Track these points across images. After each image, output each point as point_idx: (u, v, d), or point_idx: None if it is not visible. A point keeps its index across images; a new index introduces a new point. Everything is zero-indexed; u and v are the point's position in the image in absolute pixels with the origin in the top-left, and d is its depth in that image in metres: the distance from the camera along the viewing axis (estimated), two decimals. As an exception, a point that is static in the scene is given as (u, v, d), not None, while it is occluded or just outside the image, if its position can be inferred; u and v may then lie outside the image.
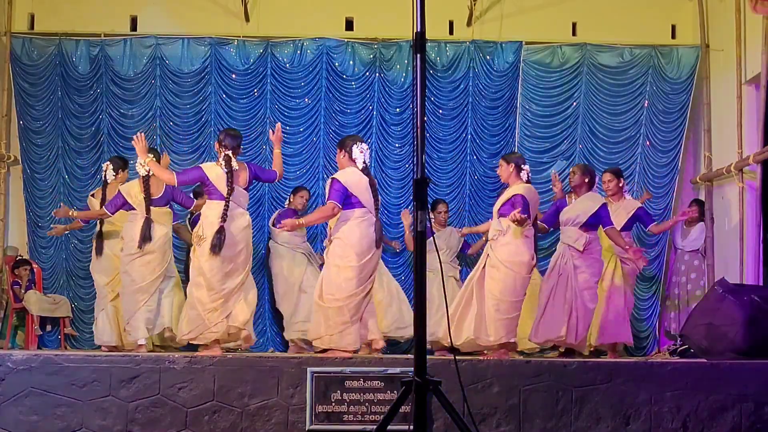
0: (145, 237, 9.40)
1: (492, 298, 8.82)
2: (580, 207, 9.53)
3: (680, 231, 11.78)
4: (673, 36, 12.45)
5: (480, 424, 7.22)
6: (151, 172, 9.37)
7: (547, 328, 9.32)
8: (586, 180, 9.64)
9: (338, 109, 12.12)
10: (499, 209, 9.14)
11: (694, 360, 8.65)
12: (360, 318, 8.75)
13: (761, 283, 10.49)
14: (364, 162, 8.91)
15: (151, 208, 9.52)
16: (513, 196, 9.01)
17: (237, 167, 8.79)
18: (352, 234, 8.68)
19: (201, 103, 12.02)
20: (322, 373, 7.38)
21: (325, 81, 12.09)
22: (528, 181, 9.23)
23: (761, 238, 10.71)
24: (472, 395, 7.25)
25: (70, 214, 10.36)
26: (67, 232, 11.14)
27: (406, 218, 11.25)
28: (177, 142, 11.93)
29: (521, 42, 12.19)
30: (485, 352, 9.08)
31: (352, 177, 8.78)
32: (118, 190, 9.79)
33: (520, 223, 8.70)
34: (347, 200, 8.72)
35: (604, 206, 9.51)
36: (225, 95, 12.03)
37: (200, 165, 9.12)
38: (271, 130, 9.55)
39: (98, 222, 10.25)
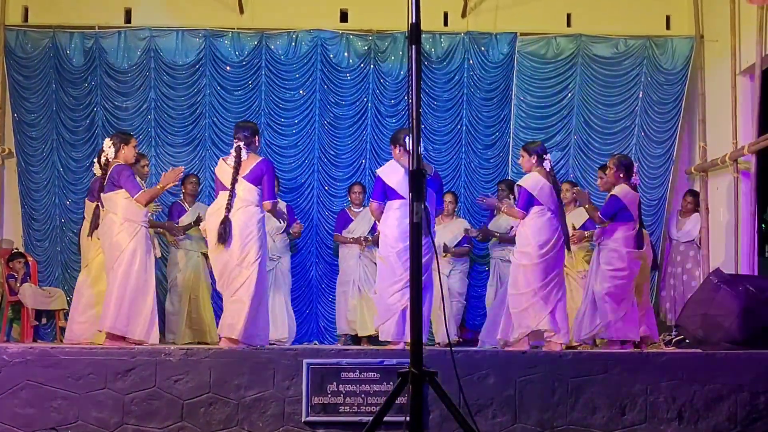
0: None
1: None
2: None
3: (675, 221, 11.80)
4: (668, 27, 12.44)
5: (476, 415, 7.23)
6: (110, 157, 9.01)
7: None
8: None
9: (333, 100, 12.11)
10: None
11: (690, 350, 8.68)
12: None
13: (756, 273, 10.52)
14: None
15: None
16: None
17: (246, 158, 8.51)
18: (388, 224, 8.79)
19: (195, 95, 12.01)
20: (318, 364, 7.39)
21: (320, 73, 12.09)
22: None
23: (756, 228, 10.75)
24: (469, 386, 7.25)
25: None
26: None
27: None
28: (171, 134, 11.93)
29: (516, 33, 12.19)
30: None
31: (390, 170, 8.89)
32: None
33: None
34: (389, 194, 8.78)
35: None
36: (219, 87, 12.02)
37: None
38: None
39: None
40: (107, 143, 9.03)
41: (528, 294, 8.74)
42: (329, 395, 7.35)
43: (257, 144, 8.73)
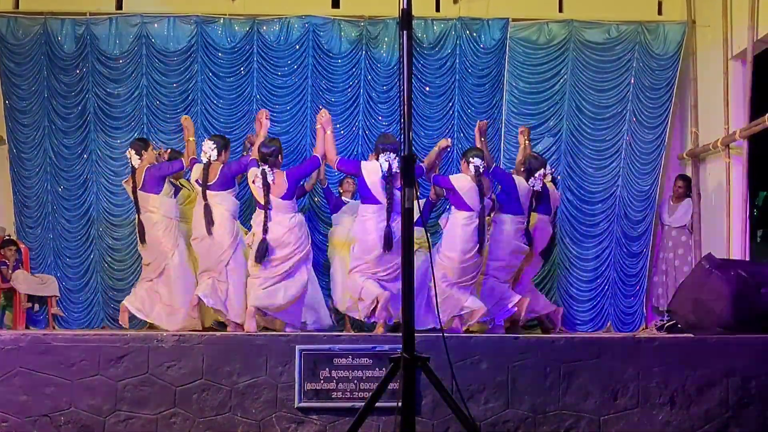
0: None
1: None
2: None
3: (667, 207, 11.83)
4: (660, 12, 12.42)
5: (468, 400, 7.25)
6: (212, 158, 9.73)
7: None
8: None
9: (325, 87, 12.07)
10: None
11: (682, 335, 8.70)
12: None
13: (748, 259, 10.54)
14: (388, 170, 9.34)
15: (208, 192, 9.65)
16: None
17: (273, 179, 9.34)
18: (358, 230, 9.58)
19: (187, 82, 11.97)
20: (311, 350, 7.41)
21: (312, 59, 12.05)
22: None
23: (747, 214, 10.76)
24: (461, 372, 7.28)
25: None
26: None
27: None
28: (163, 121, 11.89)
29: (508, 19, 12.14)
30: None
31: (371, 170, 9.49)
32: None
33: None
34: (364, 193, 9.50)
35: None
36: (211, 74, 11.97)
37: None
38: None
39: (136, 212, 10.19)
40: (210, 145, 9.78)
41: (444, 286, 9.53)
42: (322, 381, 7.37)
43: (281, 162, 9.77)
